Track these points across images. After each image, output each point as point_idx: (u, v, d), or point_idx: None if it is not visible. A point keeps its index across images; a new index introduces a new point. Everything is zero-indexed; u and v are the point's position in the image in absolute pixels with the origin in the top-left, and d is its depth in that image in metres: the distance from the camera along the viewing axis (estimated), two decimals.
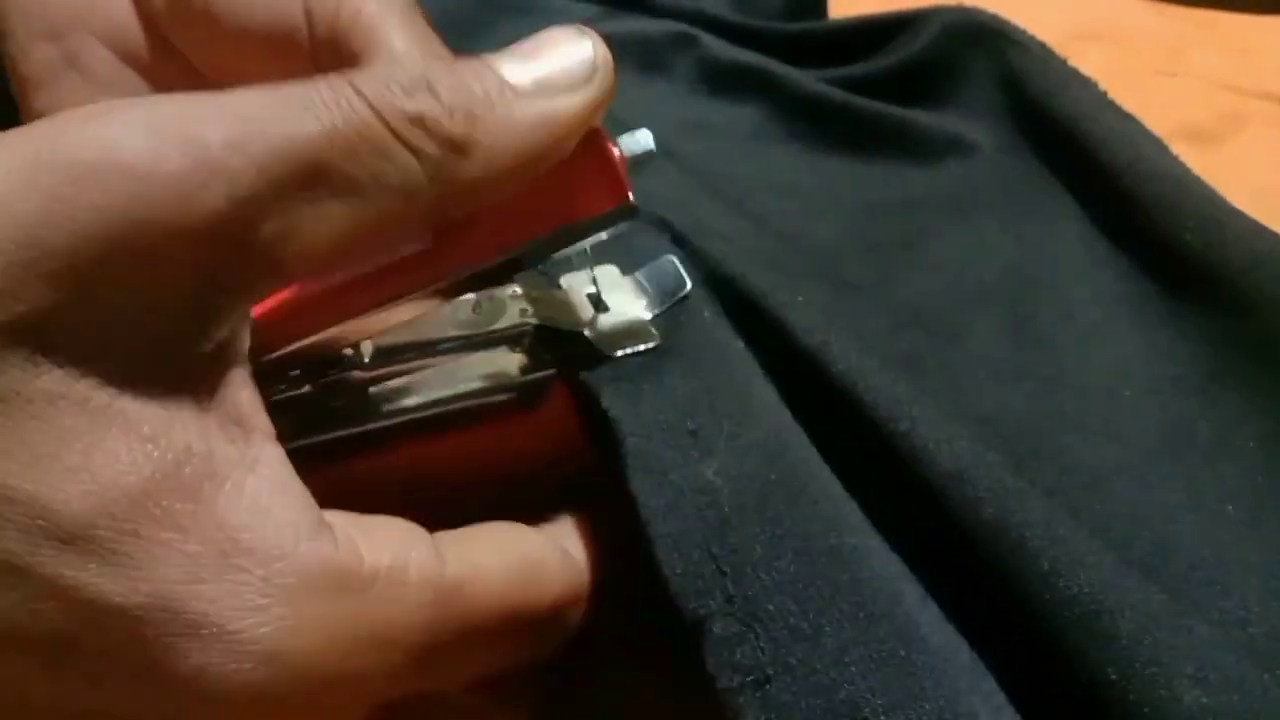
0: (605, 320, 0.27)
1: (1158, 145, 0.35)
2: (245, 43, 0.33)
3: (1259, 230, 0.31)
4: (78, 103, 0.34)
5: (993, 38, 0.41)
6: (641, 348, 0.27)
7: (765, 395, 0.27)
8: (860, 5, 0.49)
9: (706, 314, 0.29)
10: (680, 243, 0.32)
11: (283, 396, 0.25)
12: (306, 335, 0.24)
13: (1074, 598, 0.22)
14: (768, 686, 0.21)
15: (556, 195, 0.23)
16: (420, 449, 0.26)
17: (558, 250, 0.25)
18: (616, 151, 0.24)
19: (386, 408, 0.26)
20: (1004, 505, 0.24)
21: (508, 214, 0.23)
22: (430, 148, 0.20)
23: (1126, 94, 0.38)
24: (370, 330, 0.25)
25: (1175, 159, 0.35)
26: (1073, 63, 0.40)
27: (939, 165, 0.40)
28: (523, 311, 0.27)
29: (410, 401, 0.26)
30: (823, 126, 0.43)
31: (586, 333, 0.27)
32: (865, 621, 0.22)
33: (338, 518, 0.21)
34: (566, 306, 0.28)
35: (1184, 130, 0.42)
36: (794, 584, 0.22)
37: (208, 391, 0.20)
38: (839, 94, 0.43)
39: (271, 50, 0.33)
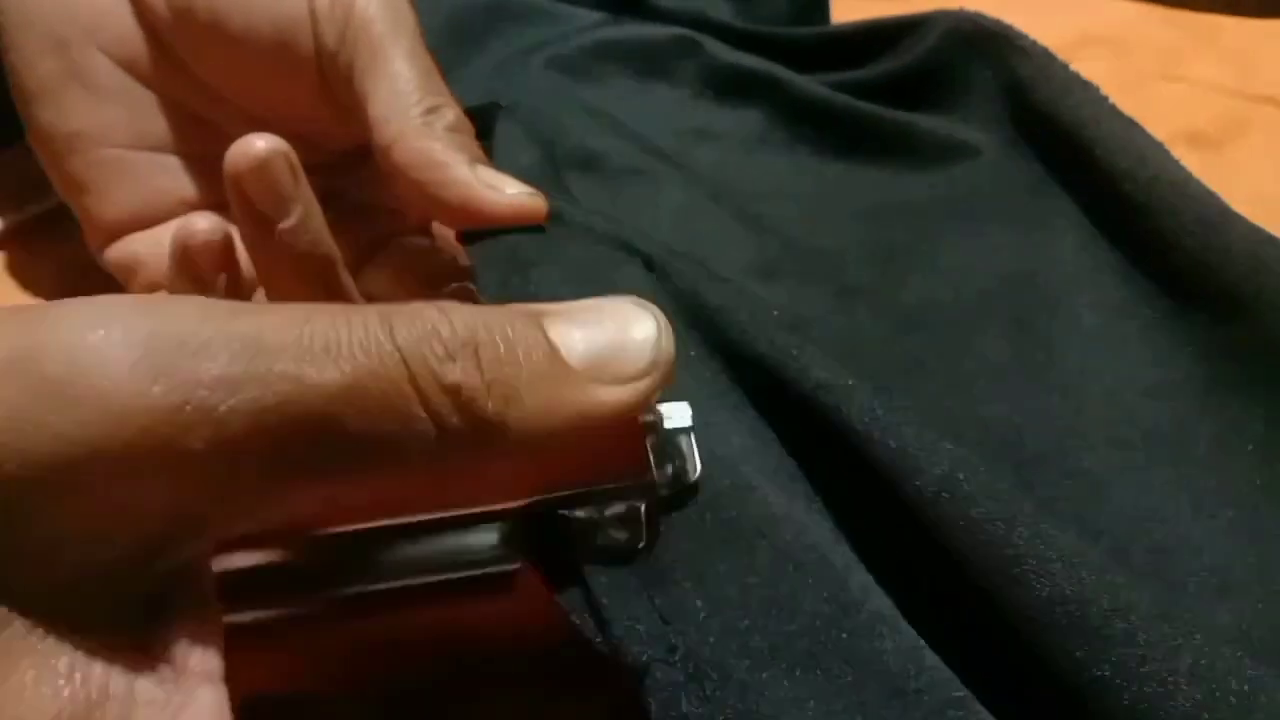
0: (596, 508, 0.24)
1: (1160, 150, 0.35)
2: (250, 53, 0.33)
3: (1260, 236, 0.31)
4: (80, 114, 0.34)
5: (995, 43, 0.41)
6: (631, 548, 0.23)
7: (723, 426, 0.27)
8: (863, 10, 0.49)
9: None
10: (650, 265, 0.31)
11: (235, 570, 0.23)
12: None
13: (1063, 596, 0.22)
14: None
15: (575, 458, 0.21)
16: (384, 621, 0.24)
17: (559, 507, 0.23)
18: (650, 421, 0.22)
19: (351, 578, 0.24)
20: (990, 508, 0.24)
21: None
22: (456, 421, 0.18)
23: (1129, 99, 0.38)
24: None
25: (1177, 164, 0.35)
26: (1076, 68, 0.40)
27: (942, 170, 0.40)
28: None
29: (374, 573, 0.24)
30: (826, 131, 0.43)
31: (578, 512, 0.24)
32: (815, 662, 0.21)
33: None
34: None
35: (1186, 135, 0.42)
36: (737, 635, 0.22)
37: (143, 626, 0.18)
38: (842, 99, 0.43)
39: (275, 61, 0.33)
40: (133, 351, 0.16)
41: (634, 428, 0.21)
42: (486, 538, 0.24)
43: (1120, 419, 0.29)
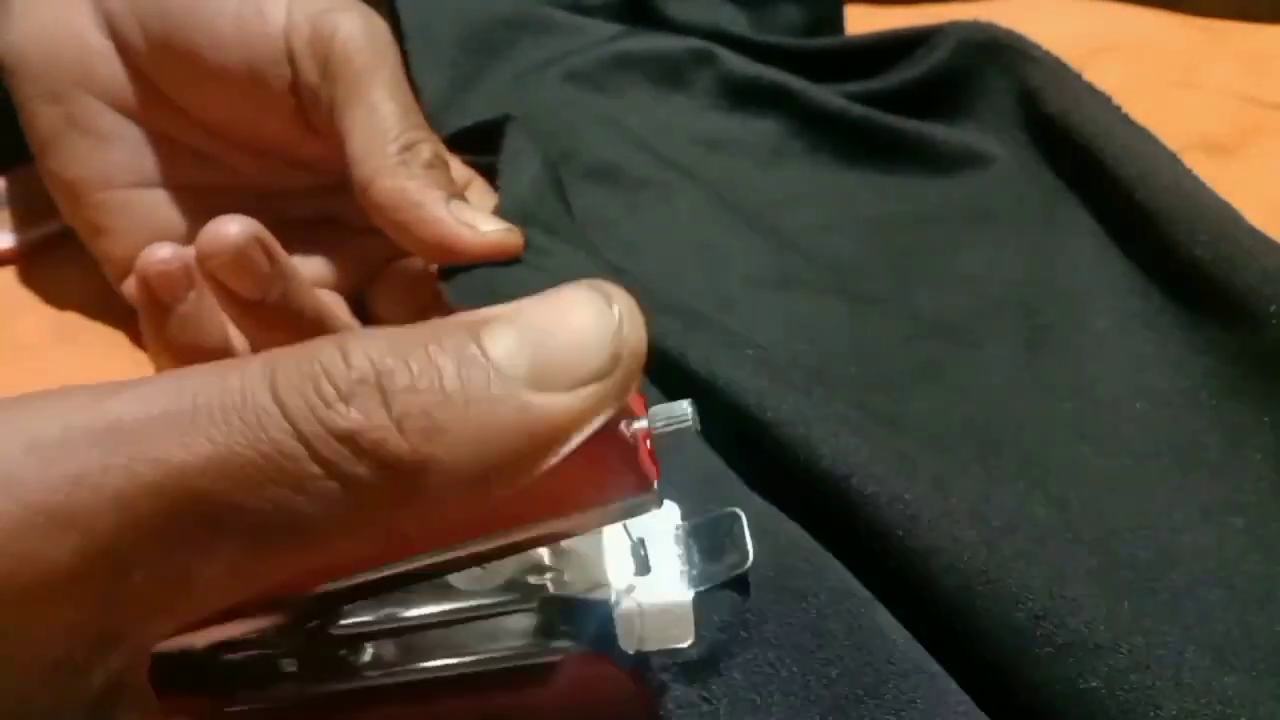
0: (640, 600, 0.22)
1: (1171, 159, 0.36)
2: (226, 87, 0.34)
3: (1270, 246, 0.31)
4: (81, 161, 0.35)
5: (1008, 53, 0.42)
6: (674, 645, 0.22)
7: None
8: (877, 21, 0.49)
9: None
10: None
11: (245, 655, 0.22)
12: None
13: (1045, 611, 0.22)
14: None
15: (557, 479, 0.17)
16: (422, 711, 0.23)
17: (566, 538, 0.20)
18: (642, 427, 0.19)
19: (368, 669, 0.22)
20: (964, 535, 0.24)
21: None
22: (363, 471, 0.15)
23: (1143, 106, 0.38)
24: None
25: (1188, 173, 0.35)
26: (1089, 76, 0.40)
27: (956, 179, 0.41)
28: (538, 568, 0.22)
29: (396, 664, 0.22)
30: (841, 140, 0.44)
31: (614, 610, 0.22)
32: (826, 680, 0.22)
33: None
34: (595, 565, 0.23)
35: (1200, 142, 0.42)
36: (752, 663, 0.22)
37: None
38: (857, 108, 0.44)
39: (251, 94, 0.34)
40: None
41: (617, 437, 0.18)
42: (524, 626, 0.22)
43: (1131, 425, 0.30)
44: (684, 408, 0.19)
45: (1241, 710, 0.21)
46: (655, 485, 0.19)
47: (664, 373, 0.29)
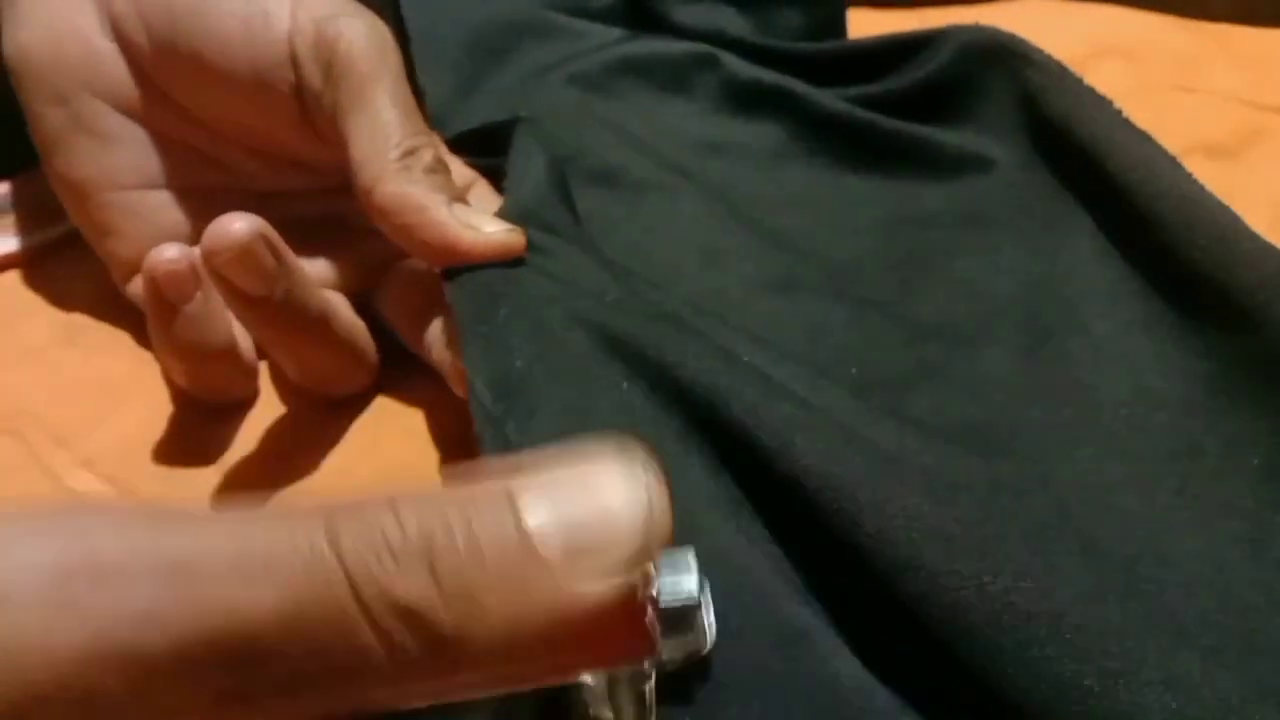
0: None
1: (1172, 163, 0.36)
2: (231, 90, 0.34)
3: (1269, 250, 0.31)
4: (87, 162, 0.35)
5: (1010, 57, 0.42)
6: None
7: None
8: (879, 25, 0.49)
9: None
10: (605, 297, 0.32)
11: None
12: None
13: (1037, 612, 0.23)
14: None
15: (562, 650, 0.18)
16: None
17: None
18: (650, 595, 0.18)
19: None
20: (955, 554, 0.24)
21: None
22: (409, 642, 0.16)
23: (1144, 110, 0.38)
24: None
25: (1189, 177, 0.35)
26: (1090, 79, 0.40)
27: (957, 182, 0.41)
28: None
29: None
30: (843, 144, 0.44)
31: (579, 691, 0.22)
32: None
33: None
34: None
35: (1202, 145, 0.42)
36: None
37: None
38: (859, 112, 0.44)
39: (255, 98, 0.34)
40: (39, 580, 0.15)
41: (632, 610, 0.18)
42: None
43: (1129, 429, 0.30)
44: (690, 587, 0.20)
45: (1231, 713, 0.21)
46: (657, 649, 0.19)
47: (659, 380, 0.29)
